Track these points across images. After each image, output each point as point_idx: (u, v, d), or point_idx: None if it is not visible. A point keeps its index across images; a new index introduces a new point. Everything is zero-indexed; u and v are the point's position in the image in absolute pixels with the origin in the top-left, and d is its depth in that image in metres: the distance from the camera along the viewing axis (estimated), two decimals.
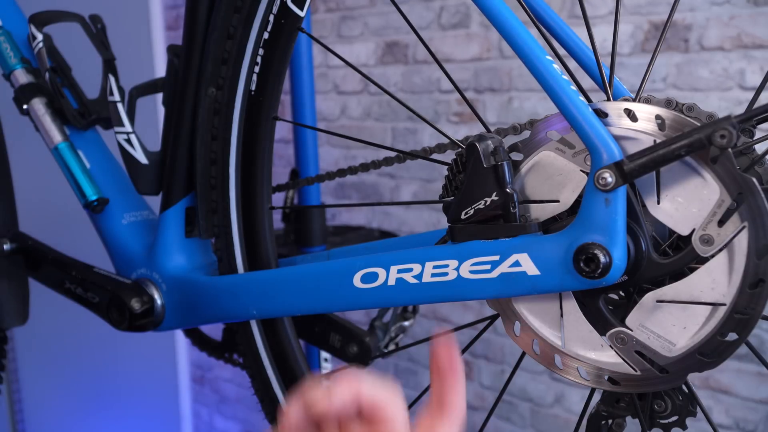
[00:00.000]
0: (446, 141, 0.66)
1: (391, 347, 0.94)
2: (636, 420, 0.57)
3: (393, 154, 0.73)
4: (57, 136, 0.84)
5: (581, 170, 0.53)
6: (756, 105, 0.52)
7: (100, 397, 2.05)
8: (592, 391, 0.59)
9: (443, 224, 0.58)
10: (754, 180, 0.46)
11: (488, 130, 0.61)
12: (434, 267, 0.56)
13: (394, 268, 0.59)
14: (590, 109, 0.50)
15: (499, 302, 0.59)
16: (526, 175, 0.56)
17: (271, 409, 0.80)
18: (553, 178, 0.54)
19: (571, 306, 0.55)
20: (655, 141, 0.49)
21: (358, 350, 0.85)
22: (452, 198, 0.56)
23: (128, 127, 0.80)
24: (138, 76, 0.91)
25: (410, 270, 0.58)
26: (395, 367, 1.93)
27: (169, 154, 0.77)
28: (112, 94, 0.80)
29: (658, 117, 0.50)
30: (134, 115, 0.81)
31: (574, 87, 0.51)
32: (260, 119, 0.71)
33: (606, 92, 0.57)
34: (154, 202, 0.84)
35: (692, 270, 0.50)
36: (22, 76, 0.85)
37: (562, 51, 0.63)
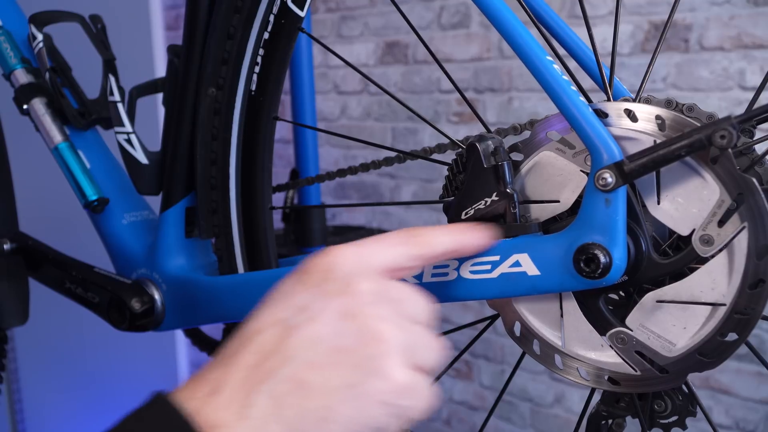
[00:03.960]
0: (446, 141, 0.66)
1: None
2: (636, 420, 0.57)
3: (393, 154, 0.73)
4: (57, 136, 0.84)
5: (581, 170, 0.53)
6: (756, 105, 0.52)
7: (100, 397, 2.04)
8: (592, 391, 0.59)
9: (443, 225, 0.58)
10: (754, 180, 0.46)
11: (488, 130, 0.61)
12: (434, 267, 0.56)
13: None
14: (590, 110, 0.50)
15: (499, 302, 0.59)
16: (526, 176, 0.56)
17: None
18: (553, 179, 0.54)
19: (572, 306, 0.55)
20: (655, 141, 0.49)
21: None
22: (452, 198, 0.56)
23: (128, 127, 0.80)
24: (138, 76, 0.91)
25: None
26: None
27: (170, 154, 0.77)
28: (112, 94, 0.80)
29: (658, 117, 0.50)
30: (134, 115, 0.81)
31: (574, 87, 0.51)
32: (260, 119, 0.71)
33: (606, 92, 0.57)
34: (155, 202, 0.84)
35: (692, 270, 0.50)
36: (22, 76, 0.85)
37: (562, 51, 0.63)
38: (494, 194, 0.53)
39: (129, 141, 0.79)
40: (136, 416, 0.38)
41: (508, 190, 0.53)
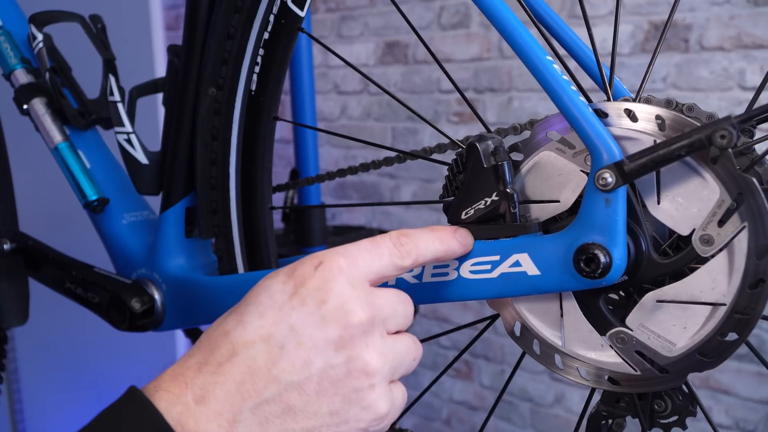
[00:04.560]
0: (446, 141, 0.66)
1: None
2: (636, 420, 0.57)
3: (393, 154, 0.73)
4: (57, 136, 0.84)
5: (581, 170, 0.53)
6: (756, 105, 0.52)
7: (100, 397, 2.04)
8: (592, 391, 0.59)
9: (443, 224, 0.58)
10: (754, 180, 0.46)
11: (488, 130, 0.61)
12: (434, 267, 0.56)
13: None
14: (590, 110, 0.50)
15: (499, 302, 0.59)
16: (526, 175, 0.56)
17: None
18: (553, 178, 0.54)
19: (572, 306, 0.55)
20: (655, 141, 0.49)
21: None
22: (452, 198, 0.56)
23: (128, 127, 0.80)
24: (138, 76, 0.91)
25: (410, 270, 0.58)
26: None
27: (169, 154, 0.77)
28: (112, 94, 0.80)
29: (658, 117, 0.50)
30: (134, 115, 0.81)
31: (574, 87, 0.51)
32: (260, 119, 0.71)
33: (606, 92, 0.57)
34: (154, 202, 0.84)
35: (692, 270, 0.50)
36: (22, 76, 0.85)
37: (562, 51, 0.63)
38: (494, 194, 0.53)
39: (129, 141, 0.79)
40: (116, 417, 0.38)
41: (508, 190, 0.53)
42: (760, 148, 0.51)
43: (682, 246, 0.51)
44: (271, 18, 0.67)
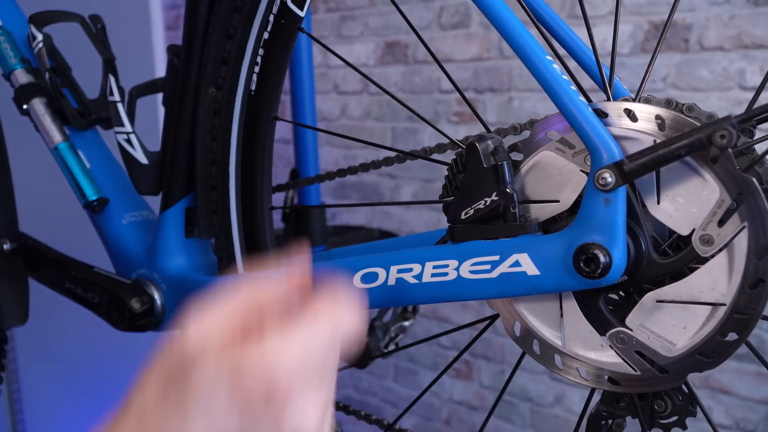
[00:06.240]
0: (446, 141, 0.66)
1: (391, 347, 0.94)
2: (636, 420, 0.57)
3: (393, 154, 0.73)
4: (57, 136, 0.84)
5: (581, 170, 0.53)
6: (756, 105, 0.52)
7: (100, 397, 2.04)
8: (592, 391, 0.59)
9: (443, 224, 0.59)
10: (754, 180, 0.46)
11: (488, 130, 0.61)
12: (434, 267, 0.56)
13: (394, 268, 0.59)
14: (590, 109, 0.50)
15: (499, 302, 0.59)
16: (526, 175, 0.56)
17: None
18: (553, 178, 0.54)
19: (571, 306, 0.55)
20: (655, 141, 0.49)
21: (358, 350, 0.85)
22: (452, 198, 0.56)
23: (128, 127, 0.80)
24: (138, 76, 0.91)
25: (410, 270, 0.58)
26: (395, 367, 1.93)
27: (169, 154, 0.77)
28: (112, 94, 0.80)
29: (658, 117, 0.50)
30: (134, 115, 0.81)
31: (574, 87, 0.51)
32: (260, 119, 0.71)
33: (606, 92, 0.57)
34: (154, 202, 0.84)
35: (692, 270, 0.50)
36: (22, 76, 0.85)
37: (562, 51, 0.63)
38: (494, 194, 0.53)
39: (129, 141, 0.79)
40: None
41: (507, 190, 0.53)
42: (760, 148, 0.51)
43: (682, 246, 0.51)
44: (271, 18, 0.67)
